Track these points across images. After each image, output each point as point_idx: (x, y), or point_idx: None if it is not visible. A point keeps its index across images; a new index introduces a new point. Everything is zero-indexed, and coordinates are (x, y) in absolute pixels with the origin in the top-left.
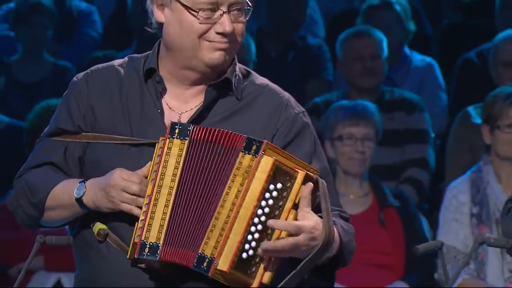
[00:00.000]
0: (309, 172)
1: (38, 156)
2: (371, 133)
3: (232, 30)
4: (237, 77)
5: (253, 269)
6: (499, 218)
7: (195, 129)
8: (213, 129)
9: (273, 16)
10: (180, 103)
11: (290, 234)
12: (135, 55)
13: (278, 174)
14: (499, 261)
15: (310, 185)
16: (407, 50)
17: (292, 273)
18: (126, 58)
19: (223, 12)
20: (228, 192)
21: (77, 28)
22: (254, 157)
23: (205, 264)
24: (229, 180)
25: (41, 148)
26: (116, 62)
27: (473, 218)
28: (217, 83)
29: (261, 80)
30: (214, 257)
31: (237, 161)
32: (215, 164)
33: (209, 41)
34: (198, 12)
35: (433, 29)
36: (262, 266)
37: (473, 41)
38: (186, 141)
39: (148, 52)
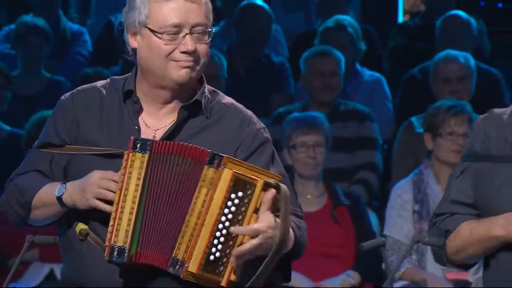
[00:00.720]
0: (269, 179)
1: (27, 165)
2: (321, 140)
3: (194, 49)
4: (206, 98)
5: (221, 268)
6: None
7: (155, 144)
8: (175, 143)
9: (242, 38)
10: (155, 121)
11: (251, 237)
12: (117, 77)
13: (238, 184)
14: None
15: (272, 191)
16: (358, 66)
17: (257, 272)
18: (108, 80)
19: (186, 34)
20: (196, 202)
21: (70, 47)
22: (216, 170)
23: (177, 267)
24: (196, 191)
25: (30, 157)
26: (99, 83)
27: (415, 214)
28: (189, 105)
29: (227, 99)
30: (184, 260)
31: (203, 174)
32: (180, 175)
33: (175, 60)
34: (162, 34)
35: (383, 49)
36: (229, 266)
37: (416, 60)
38: (147, 155)
39: (128, 74)
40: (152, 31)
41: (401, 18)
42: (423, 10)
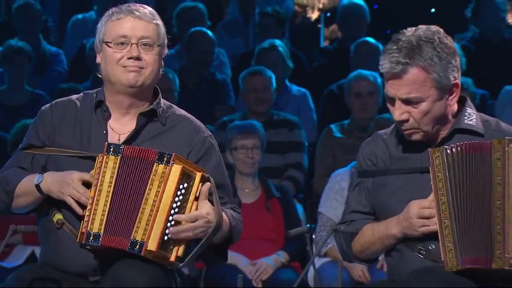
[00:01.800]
0: (204, 174)
1: (12, 162)
2: (258, 143)
3: (138, 56)
4: (161, 108)
5: (171, 247)
6: None
7: (125, 148)
8: (137, 147)
9: (191, 59)
10: (120, 126)
11: (191, 221)
12: (89, 91)
13: (184, 177)
14: None
15: (207, 183)
16: (287, 82)
17: (195, 248)
18: (81, 94)
19: (132, 43)
20: (149, 193)
21: (49, 66)
22: (166, 165)
23: (137, 247)
24: (149, 184)
25: (15, 157)
26: (74, 96)
27: None
28: (146, 112)
29: (181, 111)
30: (144, 241)
31: (153, 170)
32: (138, 172)
33: (124, 66)
34: (112, 43)
35: (308, 69)
36: (176, 244)
37: (335, 78)
38: (119, 157)
39: (98, 89)
40: (105, 42)
41: (322, 43)
42: (340, 36)
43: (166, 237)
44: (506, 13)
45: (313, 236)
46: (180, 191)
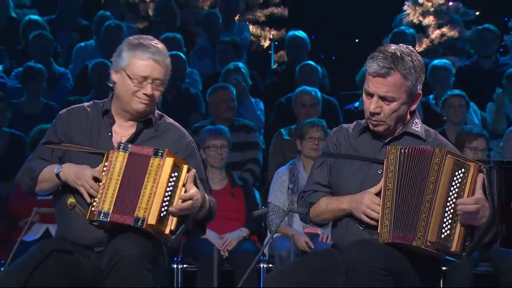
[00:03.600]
0: (189, 166)
1: (35, 154)
2: (225, 143)
3: (151, 93)
4: (155, 117)
5: (166, 222)
6: None
7: (132, 147)
8: (139, 146)
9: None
10: (122, 130)
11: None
12: (97, 100)
13: (175, 168)
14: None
15: (192, 172)
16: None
17: (186, 222)
18: (91, 102)
19: (148, 83)
20: (148, 181)
21: (58, 82)
22: (161, 159)
23: (139, 222)
24: (147, 174)
25: (38, 150)
26: (86, 104)
27: (289, 190)
28: (144, 121)
29: (170, 120)
30: (145, 217)
31: (150, 162)
32: (139, 164)
33: (138, 97)
34: (133, 80)
35: (262, 85)
36: (170, 219)
37: (283, 92)
38: (127, 153)
39: (105, 99)
40: (127, 75)
41: (272, 65)
42: (287, 60)
43: (162, 214)
44: (415, 45)
45: (266, 221)
46: (172, 178)
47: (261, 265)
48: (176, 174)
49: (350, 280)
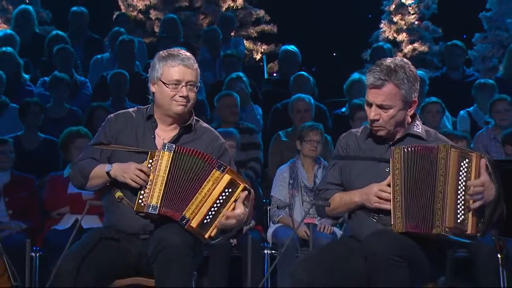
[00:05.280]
0: (246, 185)
1: (85, 155)
2: (234, 144)
3: (187, 95)
4: (194, 122)
5: (208, 228)
6: (303, 188)
7: (176, 147)
8: (190, 149)
9: None
10: (164, 133)
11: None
12: (141, 106)
13: (230, 184)
14: (299, 207)
15: (245, 192)
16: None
17: (229, 234)
18: (136, 108)
19: (182, 86)
20: (204, 188)
21: (80, 90)
22: (221, 173)
23: (184, 221)
24: (205, 181)
25: (88, 151)
26: (131, 109)
27: (289, 185)
28: (185, 126)
29: (205, 125)
30: (190, 218)
31: (212, 173)
32: (196, 168)
33: (176, 101)
34: (169, 85)
35: (259, 92)
36: (213, 226)
37: (279, 99)
38: (172, 152)
39: (148, 105)
40: (163, 82)
41: (265, 75)
42: (280, 70)
43: (205, 221)
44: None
45: (272, 210)
46: (225, 192)
47: (265, 252)
48: (230, 190)
49: (369, 266)
